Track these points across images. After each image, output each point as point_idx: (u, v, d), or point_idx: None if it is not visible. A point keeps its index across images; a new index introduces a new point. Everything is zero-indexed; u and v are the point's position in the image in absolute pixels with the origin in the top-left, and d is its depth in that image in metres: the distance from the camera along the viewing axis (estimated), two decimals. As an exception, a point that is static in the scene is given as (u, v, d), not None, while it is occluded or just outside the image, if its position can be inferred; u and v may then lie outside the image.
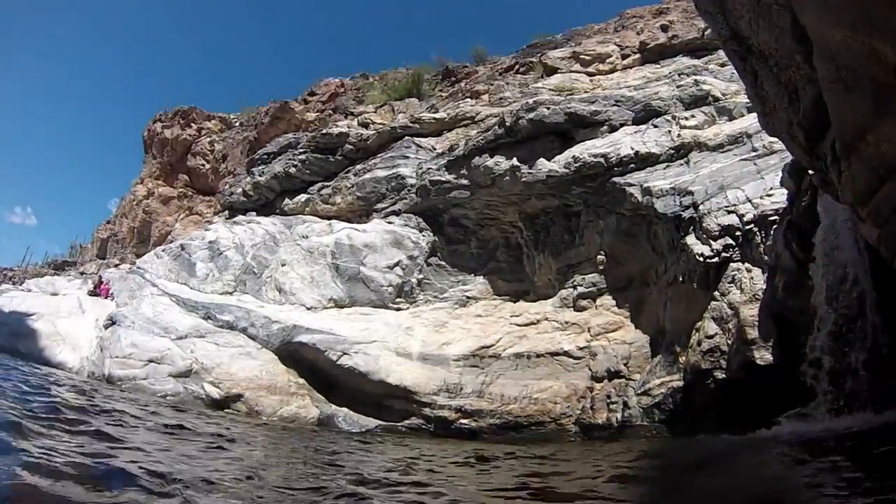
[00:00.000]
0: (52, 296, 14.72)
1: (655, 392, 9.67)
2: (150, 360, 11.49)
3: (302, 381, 12.23)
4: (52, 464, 3.64)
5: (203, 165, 25.55)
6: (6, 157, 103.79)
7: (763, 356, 8.03)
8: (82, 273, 21.59)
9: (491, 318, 13.61)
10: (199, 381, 11.27)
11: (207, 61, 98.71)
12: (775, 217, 8.50)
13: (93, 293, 15.36)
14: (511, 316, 13.38)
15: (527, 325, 12.94)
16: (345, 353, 12.24)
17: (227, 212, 20.00)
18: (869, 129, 4.07)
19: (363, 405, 11.97)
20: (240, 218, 17.78)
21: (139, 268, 15.91)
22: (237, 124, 26.22)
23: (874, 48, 3.56)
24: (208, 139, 25.66)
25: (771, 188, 8.99)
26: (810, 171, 7.36)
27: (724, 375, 8.70)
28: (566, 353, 11.75)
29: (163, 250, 16.44)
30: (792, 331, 7.53)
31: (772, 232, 8.49)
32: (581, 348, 11.65)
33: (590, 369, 11.23)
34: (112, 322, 12.78)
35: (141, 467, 4.02)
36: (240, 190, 19.73)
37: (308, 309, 13.86)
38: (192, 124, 26.50)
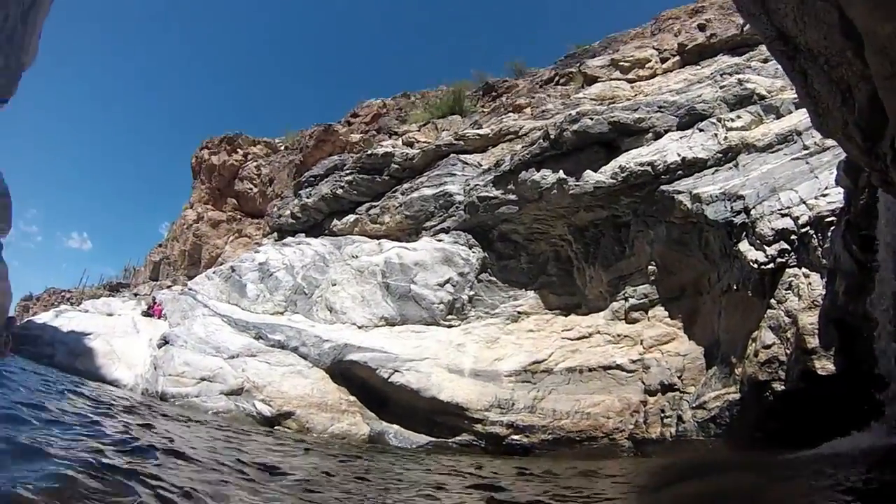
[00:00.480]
0: (108, 316, 15.43)
1: (711, 405, 9.25)
2: (203, 379, 11.85)
3: (353, 398, 12.34)
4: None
5: (251, 189, 26.37)
6: (64, 187, 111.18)
7: (824, 366, 7.57)
8: (136, 294, 22.56)
9: (542, 332, 13.43)
10: (251, 398, 11.53)
11: (251, 87, 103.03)
12: (832, 218, 8.06)
13: (146, 314, 16.01)
14: (563, 330, 13.17)
15: (579, 338, 12.70)
16: (396, 371, 12.28)
17: (275, 234, 20.56)
18: None
19: (414, 422, 11.95)
20: (289, 240, 18.24)
21: (191, 289, 16.48)
22: (282, 148, 26.99)
23: None
24: (255, 164, 26.51)
25: (826, 187, 8.53)
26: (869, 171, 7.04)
27: (782, 387, 8.23)
28: (619, 367, 11.44)
29: (213, 272, 16.99)
30: (855, 338, 7.12)
31: (829, 234, 8.05)
32: (634, 361, 11.31)
33: (643, 383, 10.88)
34: (165, 341, 13.27)
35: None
36: (288, 212, 20.24)
37: (359, 328, 14.02)
38: (238, 150, 27.46)
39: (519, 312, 14.29)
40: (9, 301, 14.62)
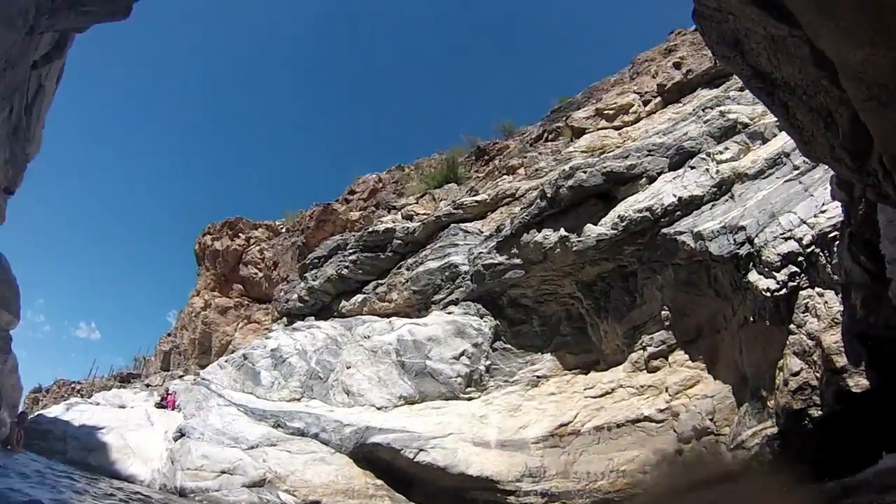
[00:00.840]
0: (120, 408, 15.19)
1: (750, 444, 8.91)
2: (223, 471, 11.50)
3: (380, 482, 11.95)
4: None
5: (256, 274, 26.59)
6: (71, 276, 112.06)
7: (858, 382, 7.36)
8: (147, 385, 22.25)
9: (564, 394, 13.14)
10: (274, 489, 11.16)
11: (247, 170, 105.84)
12: (835, 233, 8.07)
13: (160, 405, 15.78)
14: (584, 389, 12.90)
15: (602, 395, 12.42)
16: (421, 450, 11.97)
17: (284, 318, 20.51)
18: None
19: (445, 500, 11.55)
20: (299, 324, 18.21)
21: (204, 379, 16.30)
22: (283, 230, 27.38)
23: None
24: (258, 248, 26.82)
25: (823, 204, 8.58)
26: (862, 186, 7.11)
27: (820, 413, 7.98)
28: (647, 419, 11.13)
29: (226, 361, 16.85)
30: (883, 348, 6.97)
31: (835, 249, 8.02)
32: (661, 410, 11.01)
33: (675, 431, 10.53)
34: (181, 434, 12.99)
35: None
36: (295, 296, 20.31)
37: (378, 409, 13.74)
38: (241, 234, 27.82)
39: (538, 377, 14.03)
40: (20, 395, 14.40)
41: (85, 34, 10.15)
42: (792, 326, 8.57)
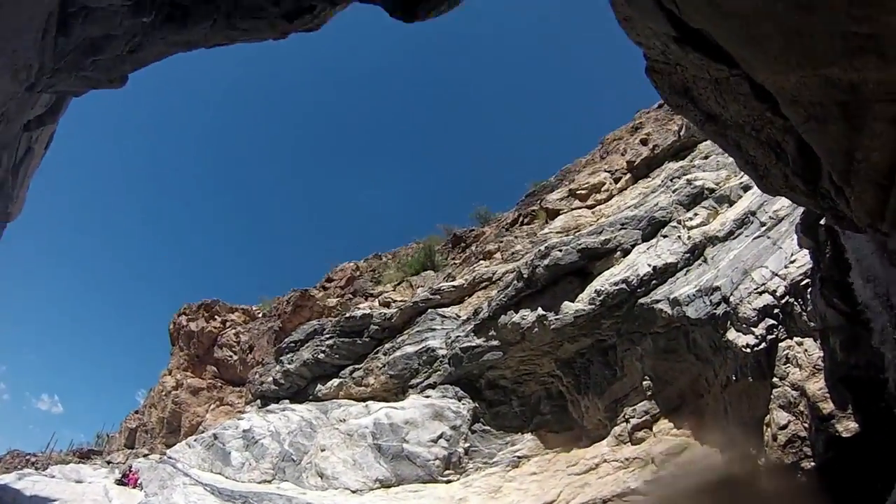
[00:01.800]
0: (77, 483, 14.05)
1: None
2: (186, 553, 10.60)
3: (353, 569, 11.12)
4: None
5: (230, 357, 25.86)
6: (36, 347, 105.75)
7: (847, 426, 7.34)
8: (109, 462, 20.74)
9: (546, 473, 12.69)
10: (241, 573, 10.28)
11: (224, 253, 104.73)
12: (806, 280, 8.33)
13: (120, 482, 14.69)
14: (567, 466, 12.49)
15: (586, 471, 12.02)
16: (397, 535, 11.29)
17: (258, 401, 19.73)
18: (854, 147, 4.24)
19: (423, 588, 10.73)
20: (273, 406, 17.53)
21: (170, 457, 15.34)
22: (260, 315, 27.01)
23: (826, 76, 3.88)
24: (233, 331, 26.26)
25: (792, 254, 8.90)
26: (821, 215, 7.46)
27: (812, 463, 7.86)
28: (634, 491, 10.75)
29: (195, 440, 15.95)
30: (866, 389, 7.01)
31: (808, 296, 8.25)
32: (649, 482, 10.65)
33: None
34: None
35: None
36: (270, 379, 19.66)
37: (353, 492, 13.03)
38: (217, 317, 27.32)
39: (518, 457, 13.58)
40: None
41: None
42: (775, 380, 8.61)
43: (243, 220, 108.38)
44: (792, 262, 8.84)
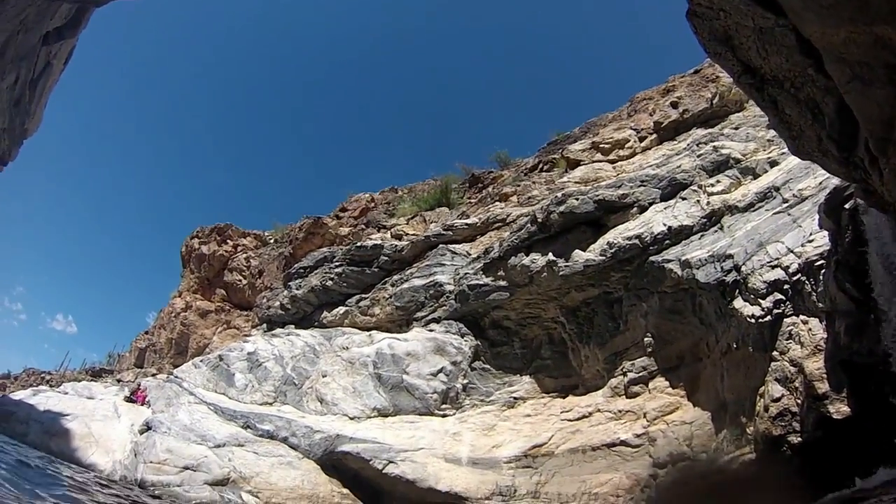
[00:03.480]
0: (88, 399, 14.66)
1: (726, 469, 8.83)
2: (186, 467, 11.09)
3: (346, 490, 11.65)
4: None
5: (240, 280, 26.25)
6: (53, 267, 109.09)
7: (839, 409, 7.37)
8: (119, 380, 21.62)
9: (541, 416, 12.99)
10: (237, 489, 10.78)
11: (239, 180, 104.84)
12: (822, 262, 8.16)
13: (129, 399, 15.27)
14: (561, 412, 12.76)
15: (579, 419, 12.29)
16: (391, 462, 11.75)
17: (265, 325, 20.19)
18: None
19: (411, 514, 11.24)
20: (278, 331, 17.91)
21: (177, 377, 15.88)
22: (272, 241, 27.18)
23: (878, 35, 3.62)
24: (244, 255, 26.56)
25: (811, 234, 8.71)
26: (846, 199, 7.23)
27: (799, 439, 7.95)
28: (623, 443, 11.03)
29: (201, 360, 16.45)
30: (865, 375, 6.98)
31: (821, 277, 8.10)
32: (638, 436, 10.92)
33: (650, 456, 10.44)
34: (147, 427, 12.57)
35: None
36: (277, 304, 20.04)
37: (351, 419, 13.45)
38: (229, 241, 27.59)
39: (515, 398, 13.86)
40: None
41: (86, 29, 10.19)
42: (775, 353, 8.59)
43: (261, 147, 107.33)
44: (810, 241, 8.64)
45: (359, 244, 18.72)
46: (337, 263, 18.66)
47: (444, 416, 13.77)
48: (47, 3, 8.05)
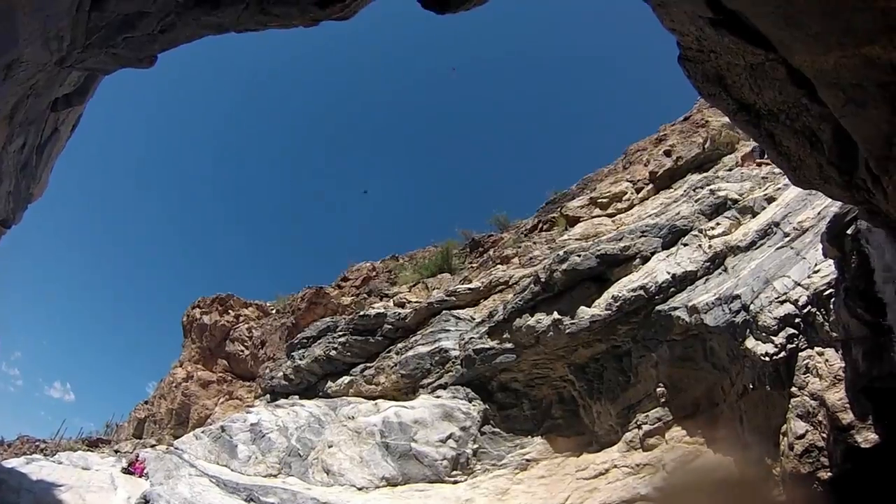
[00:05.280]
0: (84, 469, 14.04)
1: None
2: (188, 543, 10.57)
3: (356, 564, 11.06)
4: None
5: (242, 351, 25.92)
6: (52, 335, 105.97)
7: (866, 437, 7.17)
8: (117, 451, 20.72)
9: (555, 476, 12.57)
10: (244, 564, 10.25)
11: (240, 251, 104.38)
12: (830, 290, 8.18)
13: (126, 471, 14.65)
14: (577, 471, 12.35)
15: (595, 476, 11.88)
16: (402, 533, 11.23)
17: (268, 396, 19.77)
18: (894, 132, 4.17)
19: (426, 587, 10.63)
20: (282, 401, 17.52)
21: (177, 448, 15.35)
22: (274, 311, 27.04)
23: (867, 56, 3.82)
24: (246, 325, 26.32)
25: (816, 264, 8.75)
26: (848, 224, 7.34)
27: (829, 474, 7.69)
28: (644, 498, 10.61)
29: (202, 431, 15.96)
30: (888, 400, 6.87)
31: (832, 306, 8.10)
32: (659, 489, 10.52)
33: (674, 509, 10.02)
34: (146, 501, 11.99)
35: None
36: (281, 374, 19.69)
37: (359, 489, 12.95)
38: (230, 311, 27.39)
39: (527, 460, 13.45)
40: None
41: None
42: (793, 389, 8.45)
43: (262, 218, 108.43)
44: (815, 271, 8.69)
45: (362, 313, 18.66)
46: (340, 333, 18.52)
47: (456, 482, 13.30)
48: (57, 70, 8.36)
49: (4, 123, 8.30)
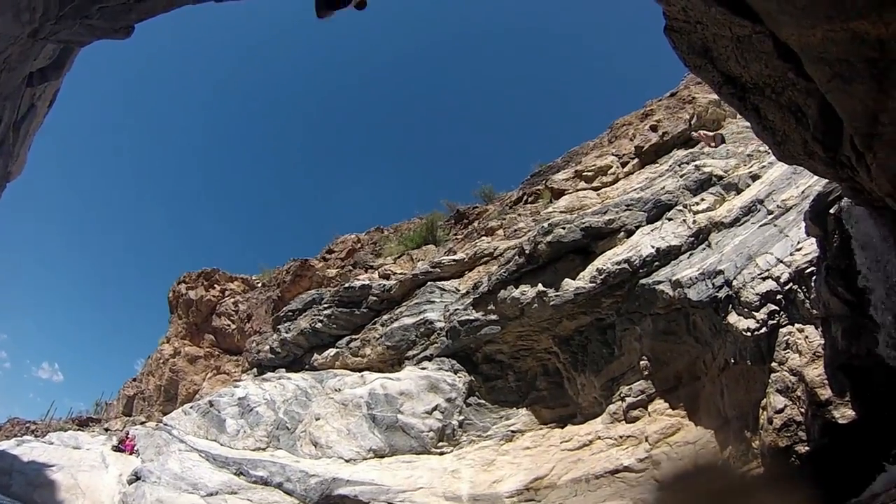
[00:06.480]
0: (75, 449, 14.19)
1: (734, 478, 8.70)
2: (178, 518, 10.73)
3: (345, 535, 11.27)
4: None
5: (228, 325, 25.91)
6: (38, 316, 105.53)
7: (843, 413, 7.30)
8: (107, 430, 20.89)
9: (540, 447, 12.78)
10: (233, 538, 10.41)
11: (224, 224, 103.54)
12: (811, 269, 8.25)
13: (117, 448, 14.80)
14: (561, 442, 12.56)
15: (579, 447, 12.10)
16: (390, 503, 11.40)
17: (255, 370, 19.86)
18: (880, 109, 4.11)
19: (413, 556, 10.86)
20: (269, 375, 17.62)
21: (166, 424, 15.47)
22: (259, 285, 26.93)
23: (855, 31, 3.74)
24: (232, 300, 26.25)
25: (798, 242, 8.82)
26: (831, 203, 7.37)
27: (807, 448, 7.85)
28: (627, 469, 10.82)
29: (191, 407, 16.06)
30: (866, 377, 6.99)
31: (813, 284, 8.18)
32: (642, 460, 10.73)
33: (655, 480, 10.23)
34: (136, 477, 12.17)
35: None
36: (267, 347, 19.76)
37: (347, 461, 13.12)
38: (216, 285, 27.28)
39: (513, 431, 13.64)
40: None
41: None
42: (774, 364, 8.56)
43: (246, 190, 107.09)
44: (798, 249, 8.76)
45: (347, 285, 18.62)
46: (326, 305, 18.51)
47: (442, 453, 13.49)
48: (31, 43, 8.06)
49: (-24, 100, 8.05)
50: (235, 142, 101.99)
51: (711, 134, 14.84)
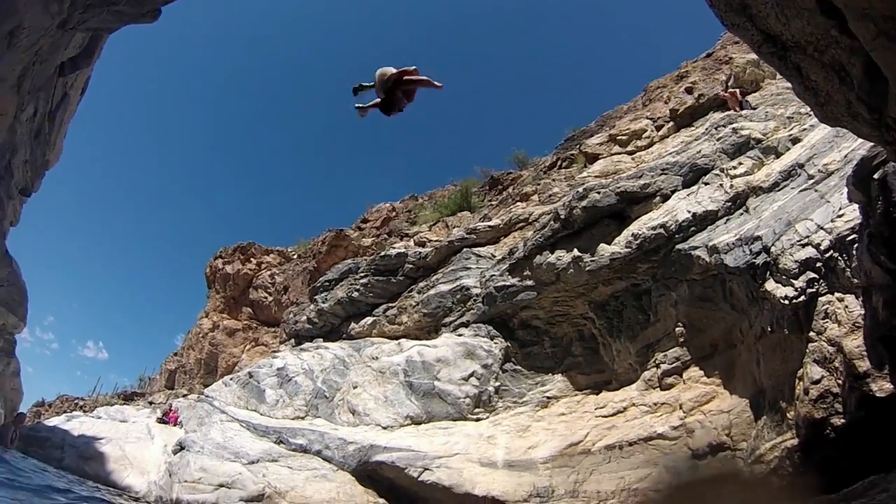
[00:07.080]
0: (121, 422, 14.94)
1: (769, 457, 8.50)
2: (221, 485, 11.18)
3: (382, 501, 11.61)
4: None
5: (265, 298, 26.51)
6: (81, 297, 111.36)
7: (882, 387, 7.01)
8: (151, 403, 21.99)
9: (575, 414, 12.78)
10: (273, 504, 10.83)
11: (259, 198, 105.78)
12: (854, 236, 7.84)
13: (161, 420, 15.53)
14: (595, 408, 12.53)
15: (613, 414, 12.05)
16: (426, 469, 11.62)
17: (293, 340, 20.35)
18: None
19: (449, 521, 11.10)
20: (307, 345, 18.01)
21: (207, 396, 16.07)
22: (295, 257, 27.45)
23: None
24: (268, 272, 26.84)
25: (840, 208, 8.38)
26: (875, 168, 6.95)
27: (842, 420, 7.59)
28: (661, 436, 10.72)
29: (231, 378, 16.63)
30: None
31: (854, 252, 7.79)
32: (675, 428, 10.61)
33: (689, 448, 10.11)
34: (181, 447, 12.75)
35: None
36: (304, 318, 20.19)
37: (384, 428, 13.41)
38: (252, 259, 27.89)
39: (548, 397, 13.67)
40: (19, 398, 14.52)
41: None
42: (811, 334, 8.25)
43: (280, 164, 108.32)
44: (839, 216, 8.31)
45: (382, 254, 18.77)
46: (362, 274, 18.72)
47: (478, 419, 13.65)
48: (60, 33, 8.20)
49: (13, 92, 8.26)
50: (269, 115, 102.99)
51: (738, 96, 14.14)
